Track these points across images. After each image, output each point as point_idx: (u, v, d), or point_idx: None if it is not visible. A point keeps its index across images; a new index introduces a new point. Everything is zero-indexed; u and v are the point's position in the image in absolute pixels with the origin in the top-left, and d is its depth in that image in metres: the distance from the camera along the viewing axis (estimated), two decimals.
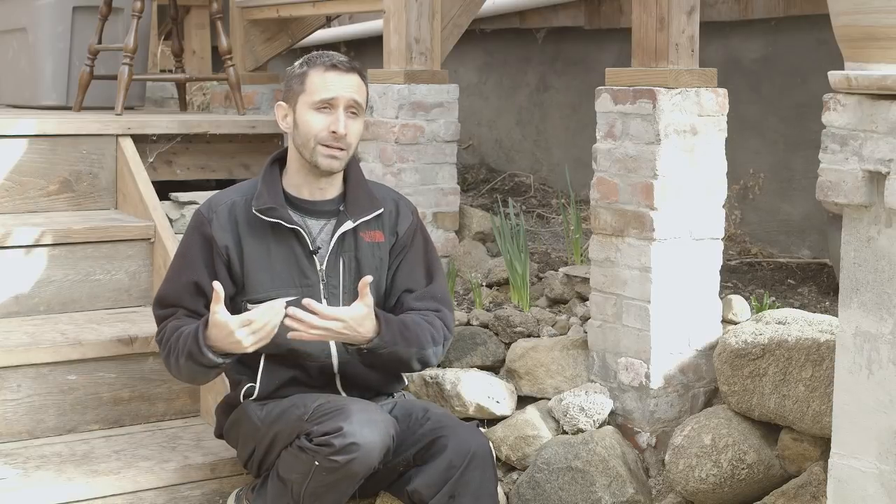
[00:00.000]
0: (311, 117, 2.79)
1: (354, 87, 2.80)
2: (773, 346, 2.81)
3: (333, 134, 2.77)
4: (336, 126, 2.77)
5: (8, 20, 4.89)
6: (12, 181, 3.83)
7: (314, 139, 2.78)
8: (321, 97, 2.78)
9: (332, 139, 2.77)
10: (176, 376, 2.85)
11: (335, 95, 2.77)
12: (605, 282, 3.11)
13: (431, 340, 2.82)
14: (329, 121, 2.77)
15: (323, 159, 2.79)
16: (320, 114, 2.78)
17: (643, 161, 2.97)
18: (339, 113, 2.78)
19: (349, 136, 2.79)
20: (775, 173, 4.08)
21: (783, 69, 4.07)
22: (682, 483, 2.86)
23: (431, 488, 2.73)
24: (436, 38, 3.86)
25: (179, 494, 3.05)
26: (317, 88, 2.79)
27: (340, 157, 2.80)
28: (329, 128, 2.77)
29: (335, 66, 2.79)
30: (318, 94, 2.78)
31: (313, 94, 2.79)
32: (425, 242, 2.97)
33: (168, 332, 2.80)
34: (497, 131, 5.26)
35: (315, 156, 2.79)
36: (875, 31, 2.17)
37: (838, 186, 2.22)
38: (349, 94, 2.78)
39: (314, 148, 2.79)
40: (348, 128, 2.78)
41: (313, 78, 2.80)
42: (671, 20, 2.97)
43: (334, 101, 2.78)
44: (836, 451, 2.32)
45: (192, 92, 5.95)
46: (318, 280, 2.84)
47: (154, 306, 2.89)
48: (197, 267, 2.82)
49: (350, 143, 2.80)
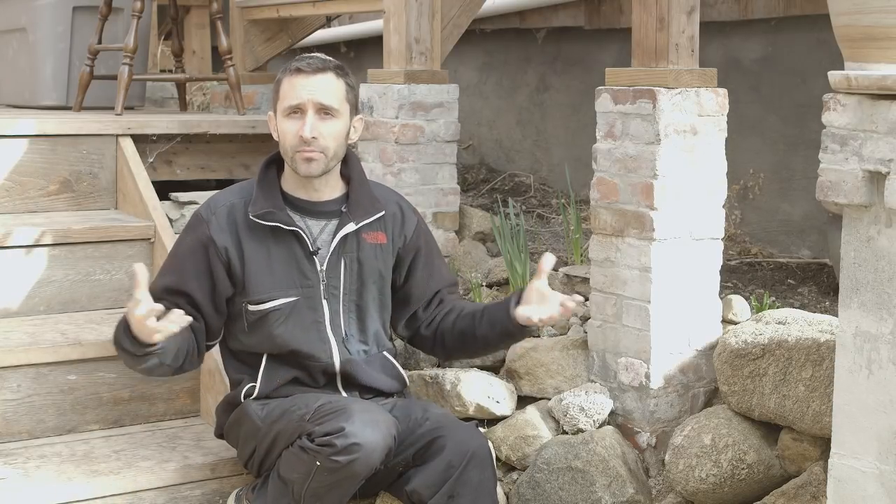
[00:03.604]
0: (284, 125, 2.79)
1: (322, 87, 2.77)
2: (773, 346, 2.81)
3: (301, 139, 2.76)
4: (302, 130, 2.75)
5: (8, 20, 4.89)
6: (12, 181, 3.83)
7: (290, 147, 2.79)
8: (289, 104, 2.78)
9: (302, 144, 2.76)
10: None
11: (300, 100, 2.76)
12: (605, 282, 3.11)
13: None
14: (298, 126, 2.77)
15: (300, 164, 2.78)
16: (290, 120, 2.78)
17: (643, 161, 2.97)
18: (307, 117, 2.76)
19: (321, 138, 2.76)
20: (775, 173, 4.08)
21: (783, 69, 4.07)
22: (682, 483, 2.86)
23: (431, 488, 2.73)
24: (436, 38, 3.86)
25: (179, 494, 3.05)
26: (286, 95, 2.79)
27: (317, 160, 2.78)
28: (297, 133, 2.76)
29: (300, 70, 2.77)
30: (287, 100, 2.78)
31: (283, 100, 2.79)
32: (431, 239, 3.03)
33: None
34: (497, 131, 5.26)
35: (294, 163, 2.79)
36: (875, 31, 2.17)
37: (838, 186, 2.22)
38: (315, 97, 2.76)
39: (292, 156, 2.79)
40: (317, 130, 2.76)
41: (284, 85, 2.80)
42: (671, 20, 2.97)
43: (301, 105, 2.77)
44: (836, 451, 2.32)
45: (192, 92, 5.95)
46: (318, 281, 2.84)
47: None
48: (183, 270, 2.82)
49: (325, 145, 2.78)
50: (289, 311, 2.83)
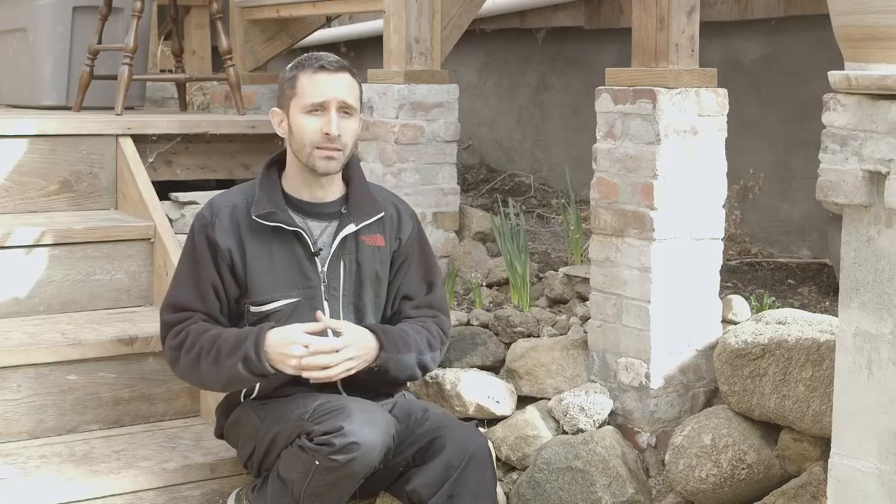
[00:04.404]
0: (304, 121, 2.78)
1: (345, 87, 2.79)
2: (773, 346, 2.81)
3: (327, 136, 2.76)
4: (329, 127, 2.76)
5: (8, 20, 4.89)
6: (12, 181, 3.83)
7: (309, 143, 2.78)
8: (312, 100, 2.77)
9: (326, 141, 2.77)
10: (197, 381, 2.84)
11: (326, 98, 2.77)
12: (605, 282, 3.11)
13: (428, 346, 2.87)
14: (322, 123, 2.77)
15: (320, 162, 2.79)
16: (312, 117, 2.78)
17: (643, 161, 2.97)
18: (331, 114, 2.77)
19: (343, 136, 2.78)
20: (775, 173, 4.08)
21: (783, 69, 4.07)
22: (682, 483, 2.86)
23: (430, 488, 2.73)
24: (436, 38, 3.86)
25: (179, 494, 3.05)
26: (307, 92, 2.78)
27: (337, 158, 2.80)
28: (322, 130, 2.77)
29: (323, 68, 2.78)
30: (309, 97, 2.78)
31: (304, 97, 2.78)
32: (425, 249, 3.00)
33: (194, 336, 2.77)
34: (497, 131, 5.25)
35: (311, 159, 2.79)
36: (875, 31, 2.17)
37: (838, 186, 2.22)
38: (340, 95, 2.77)
39: (310, 152, 2.79)
40: (341, 128, 2.77)
41: (303, 81, 2.79)
42: (671, 20, 2.97)
43: (325, 103, 2.77)
44: (836, 451, 2.32)
45: (192, 92, 5.95)
46: (319, 282, 2.84)
47: (164, 311, 2.85)
48: (209, 270, 2.81)
49: (345, 143, 2.79)
50: (290, 311, 2.82)
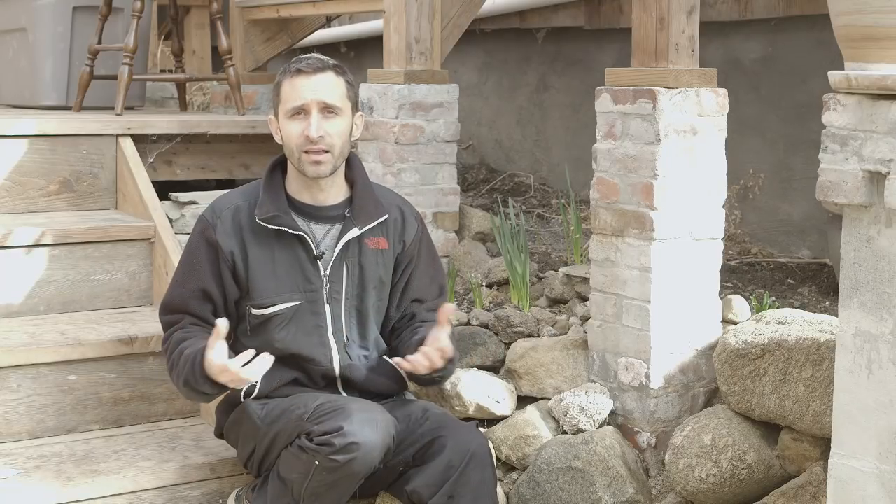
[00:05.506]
0: (289, 126, 2.78)
1: (325, 87, 2.77)
2: (773, 346, 2.81)
3: (308, 139, 2.75)
4: (308, 130, 2.75)
5: (8, 20, 4.89)
6: (12, 181, 3.83)
7: (296, 148, 2.78)
8: (293, 104, 2.77)
9: (309, 143, 2.75)
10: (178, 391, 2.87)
11: (304, 101, 2.76)
12: (605, 282, 3.11)
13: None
14: (303, 126, 2.76)
15: (308, 167, 2.78)
16: (295, 121, 2.77)
17: (643, 161, 2.97)
18: (311, 117, 2.76)
19: (327, 137, 2.76)
20: (775, 173, 4.08)
21: (783, 69, 4.07)
22: (682, 483, 2.86)
23: (430, 488, 2.73)
24: (436, 38, 3.86)
25: (179, 494, 3.05)
26: (288, 97, 2.78)
27: (325, 161, 2.77)
28: (304, 133, 2.75)
29: (301, 71, 2.77)
30: (290, 101, 2.78)
31: (286, 102, 2.79)
32: (431, 250, 3.01)
33: (172, 346, 2.80)
34: (497, 131, 5.25)
35: (301, 164, 2.79)
36: (875, 31, 2.17)
37: (838, 186, 2.22)
38: (318, 96, 2.75)
39: (299, 157, 2.78)
40: (324, 129, 2.75)
41: (285, 87, 2.79)
42: (671, 20, 2.97)
43: (305, 106, 2.76)
44: (836, 451, 2.32)
45: (192, 92, 5.95)
46: (321, 285, 2.83)
47: (160, 312, 2.89)
48: (203, 273, 2.82)
49: (332, 143, 2.77)
50: (291, 315, 2.82)
